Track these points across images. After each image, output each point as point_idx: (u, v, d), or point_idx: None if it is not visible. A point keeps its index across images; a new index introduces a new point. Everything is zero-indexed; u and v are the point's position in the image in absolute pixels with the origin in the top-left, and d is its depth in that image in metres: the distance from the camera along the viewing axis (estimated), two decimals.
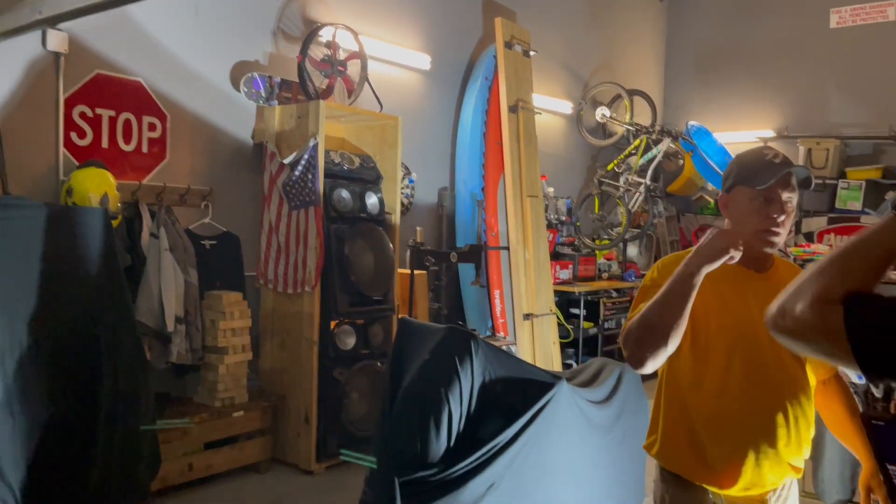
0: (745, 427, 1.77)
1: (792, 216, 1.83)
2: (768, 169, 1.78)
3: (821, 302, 1.06)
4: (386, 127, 4.94)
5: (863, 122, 7.52)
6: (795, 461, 1.83)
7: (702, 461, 1.80)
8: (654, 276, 1.89)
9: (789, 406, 1.78)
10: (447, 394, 2.49)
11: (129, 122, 4.03)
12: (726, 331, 1.79)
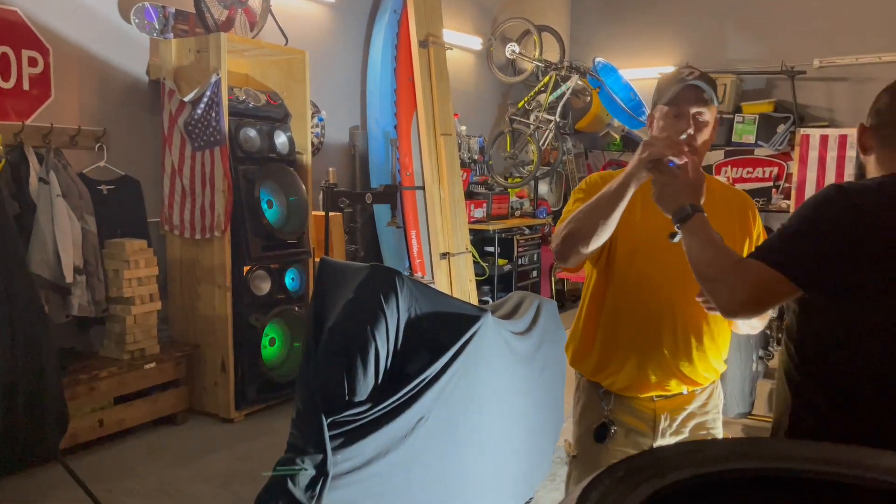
0: (633, 329, 1.86)
1: (708, 130, 1.84)
2: (676, 84, 1.81)
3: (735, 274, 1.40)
4: (292, 62, 4.72)
5: (757, 58, 7.82)
6: (688, 370, 1.87)
7: (596, 359, 1.94)
8: (582, 188, 1.95)
9: (679, 315, 1.83)
10: (373, 331, 2.45)
11: (7, 56, 3.65)
12: (634, 239, 1.86)
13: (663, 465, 0.82)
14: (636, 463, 0.83)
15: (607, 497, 0.75)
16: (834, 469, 0.81)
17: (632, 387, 1.91)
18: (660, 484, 0.79)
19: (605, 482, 0.78)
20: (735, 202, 1.95)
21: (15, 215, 3.44)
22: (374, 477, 2.43)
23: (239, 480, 3.50)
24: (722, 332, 1.91)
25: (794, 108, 7.45)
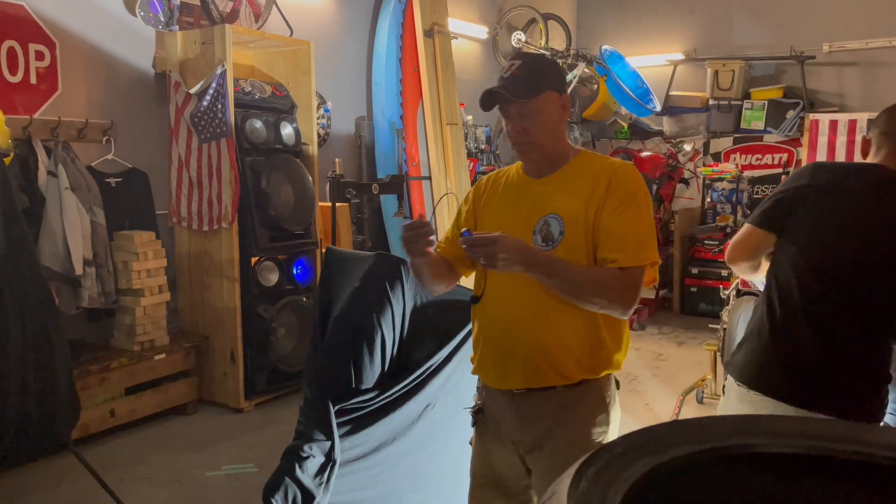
0: (494, 325, 1.82)
1: (538, 117, 1.75)
2: (490, 87, 1.82)
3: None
4: (297, 53, 4.72)
5: (766, 43, 7.75)
6: (548, 363, 1.74)
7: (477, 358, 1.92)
8: (468, 196, 2.02)
9: (534, 310, 1.73)
10: (379, 319, 2.47)
11: (14, 50, 3.67)
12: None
13: (663, 441, 0.83)
14: (635, 439, 0.83)
15: (605, 472, 0.76)
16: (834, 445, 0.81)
17: (489, 379, 1.87)
18: (659, 459, 0.79)
19: (604, 457, 0.79)
20: (592, 171, 1.77)
21: (24, 208, 3.47)
22: (382, 463, 2.45)
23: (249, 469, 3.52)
24: (584, 330, 1.74)
25: (804, 94, 7.39)
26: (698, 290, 6.84)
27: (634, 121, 8.42)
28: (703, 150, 8.01)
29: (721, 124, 7.79)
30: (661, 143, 8.23)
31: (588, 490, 0.72)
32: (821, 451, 0.80)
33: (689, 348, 5.73)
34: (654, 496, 0.77)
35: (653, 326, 6.49)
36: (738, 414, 1.87)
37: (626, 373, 5.13)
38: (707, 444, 0.82)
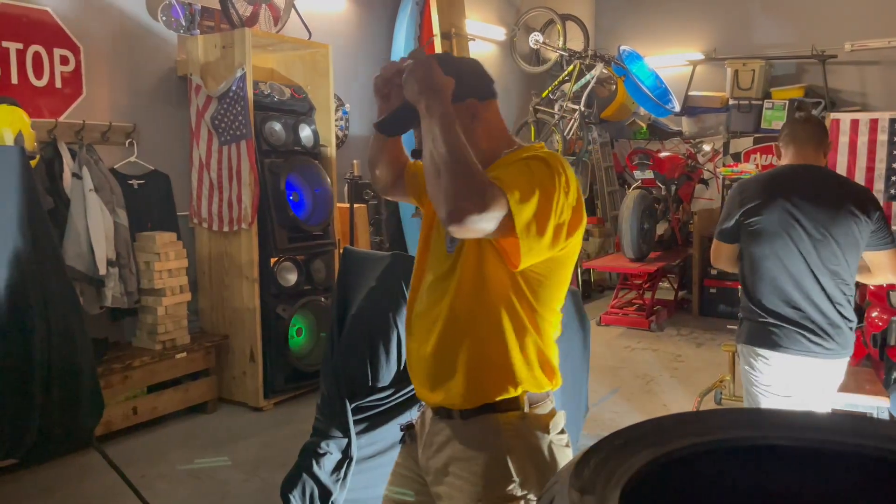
0: (410, 334, 1.65)
1: None
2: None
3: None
4: (316, 56, 4.77)
5: (787, 42, 7.69)
6: (440, 381, 1.52)
7: None
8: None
9: (442, 316, 1.52)
10: (395, 318, 2.49)
11: (39, 55, 3.76)
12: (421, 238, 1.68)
13: (664, 434, 0.84)
14: (636, 431, 0.85)
15: (607, 462, 0.78)
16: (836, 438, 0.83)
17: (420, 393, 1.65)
18: (659, 451, 0.81)
19: (605, 449, 0.80)
20: (503, 163, 1.55)
21: (50, 210, 3.55)
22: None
23: (267, 467, 3.57)
24: (489, 346, 1.50)
25: (825, 93, 7.32)
26: (717, 292, 6.79)
27: (653, 121, 8.39)
28: (722, 150, 7.96)
29: (741, 124, 7.73)
30: (680, 143, 8.19)
31: (590, 478, 0.74)
32: (823, 443, 0.82)
33: (707, 350, 5.70)
34: (655, 487, 0.79)
35: (671, 328, 6.46)
36: (740, 407, 1.90)
37: (644, 374, 5.12)
38: (708, 437, 0.84)
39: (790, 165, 2.57)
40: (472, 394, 1.49)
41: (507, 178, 1.35)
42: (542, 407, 1.52)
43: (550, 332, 1.54)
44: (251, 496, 3.30)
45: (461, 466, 1.49)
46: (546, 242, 1.38)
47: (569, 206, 1.42)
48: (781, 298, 2.46)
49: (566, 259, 1.51)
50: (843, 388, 3.04)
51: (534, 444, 1.49)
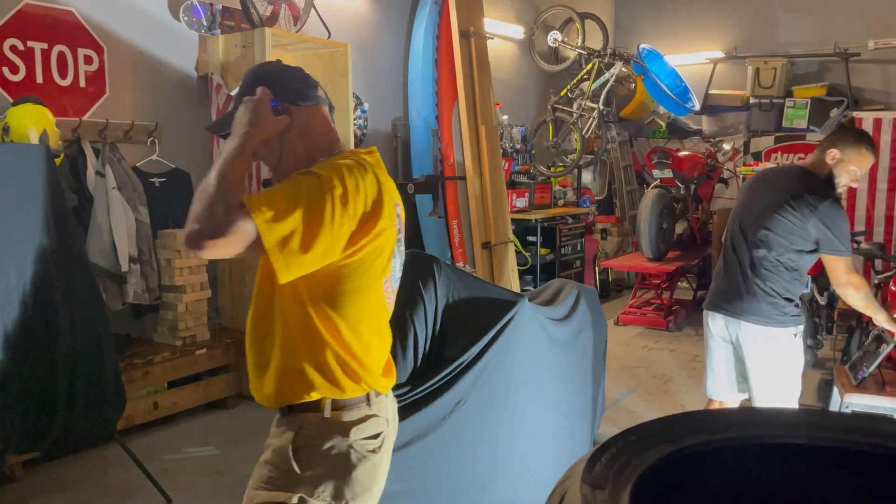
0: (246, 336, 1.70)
1: None
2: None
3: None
4: (335, 55, 4.81)
5: (809, 40, 7.61)
6: (258, 381, 1.61)
7: None
8: None
9: (258, 323, 1.62)
10: (412, 316, 2.51)
11: (64, 55, 3.82)
12: None
13: (677, 431, 0.85)
14: (650, 428, 0.86)
15: (618, 457, 0.79)
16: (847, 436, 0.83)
17: None
18: (672, 448, 0.82)
19: (618, 444, 0.81)
20: None
21: (74, 207, 3.61)
22: (414, 458, 2.49)
23: None
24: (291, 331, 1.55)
25: (848, 92, 7.24)
26: None
27: (672, 120, 8.34)
28: (743, 149, 7.90)
29: (762, 123, 7.67)
30: (700, 142, 8.14)
31: (601, 473, 0.75)
32: (833, 442, 0.82)
33: None
34: (667, 483, 0.80)
35: (689, 328, 6.42)
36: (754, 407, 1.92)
37: (661, 373, 5.10)
38: (721, 435, 0.85)
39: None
40: (277, 396, 1.58)
41: (266, 195, 1.38)
42: (348, 412, 1.56)
43: (355, 341, 1.55)
44: None
45: (268, 452, 1.60)
46: (313, 257, 1.41)
47: (349, 217, 1.43)
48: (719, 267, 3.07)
49: (358, 269, 1.51)
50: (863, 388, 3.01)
51: (329, 445, 1.54)
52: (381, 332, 1.64)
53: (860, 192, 5.71)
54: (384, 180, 1.56)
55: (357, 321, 1.55)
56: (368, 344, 1.59)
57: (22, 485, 3.37)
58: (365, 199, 1.47)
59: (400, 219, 1.65)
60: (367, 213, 1.46)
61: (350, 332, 1.54)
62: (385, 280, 1.61)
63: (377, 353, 1.62)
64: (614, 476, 0.75)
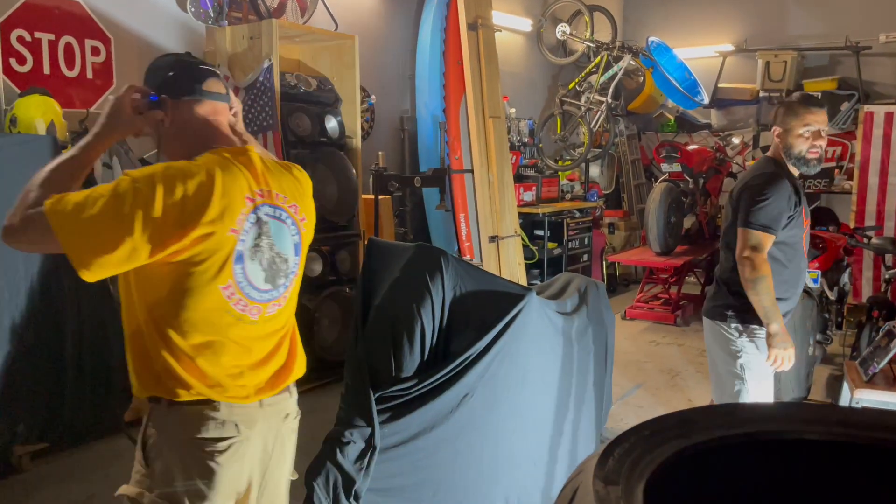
0: None
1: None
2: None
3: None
4: (342, 47, 4.79)
5: (819, 33, 7.54)
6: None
7: None
8: None
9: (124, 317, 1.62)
10: (419, 309, 2.50)
11: (71, 46, 3.82)
12: None
13: (692, 425, 0.83)
14: (664, 422, 0.84)
15: (631, 452, 0.77)
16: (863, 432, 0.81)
17: None
18: (686, 443, 0.80)
19: (630, 439, 0.80)
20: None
21: None
22: (420, 451, 2.48)
23: None
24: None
25: (859, 86, 7.17)
26: None
27: (681, 113, 8.29)
28: (752, 143, 7.84)
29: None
30: (709, 136, 8.09)
31: (614, 468, 0.73)
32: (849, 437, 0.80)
33: None
34: (681, 478, 0.78)
35: (697, 323, 6.39)
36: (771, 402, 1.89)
37: (669, 368, 5.08)
38: (736, 430, 0.83)
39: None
40: (136, 387, 1.60)
41: (74, 195, 1.41)
42: (185, 414, 1.55)
43: (187, 347, 1.52)
44: None
45: None
46: (113, 259, 1.40)
47: (152, 222, 1.41)
48: None
49: (182, 273, 1.49)
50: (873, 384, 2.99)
51: (168, 441, 1.57)
52: (232, 340, 1.57)
53: (871, 186, 5.67)
54: (230, 185, 1.51)
55: (189, 328, 1.51)
56: (205, 352, 1.54)
57: (29, 475, 3.38)
58: (183, 204, 1.44)
59: (252, 212, 1.56)
60: (182, 218, 1.44)
61: (179, 337, 1.51)
62: (224, 286, 1.53)
63: (226, 361, 1.56)
64: (627, 471, 0.74)
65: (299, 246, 1.69)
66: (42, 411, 2.94)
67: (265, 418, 1.66)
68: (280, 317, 1.67)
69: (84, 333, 3.06)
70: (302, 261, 1.72)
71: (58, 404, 2.97)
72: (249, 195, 1.56)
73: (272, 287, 1.62)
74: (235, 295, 1.55)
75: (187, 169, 1.49)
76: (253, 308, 1.59)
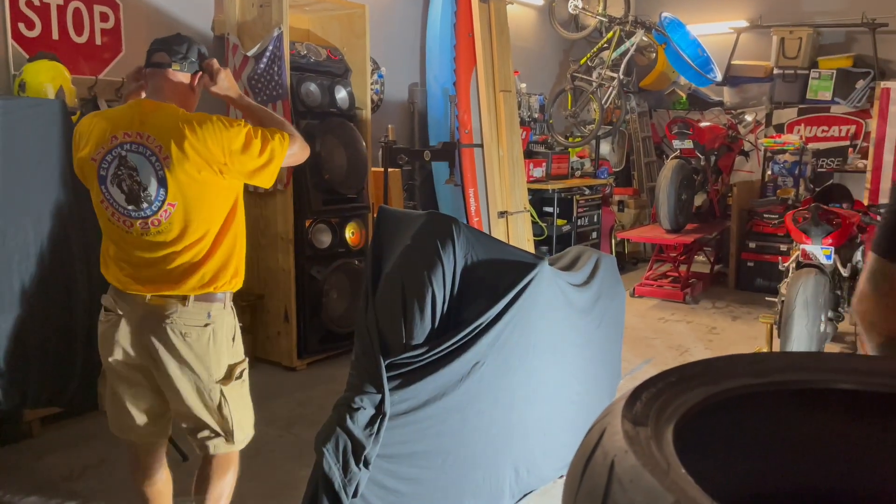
0: None
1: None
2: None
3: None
4: (353, 16, 4.73)
5: (836, 10, 7.41)
6: None
7: None
8: None
9: None
10: (430, 277, 2.48)
11: (80, 11, 3.78)
12: None
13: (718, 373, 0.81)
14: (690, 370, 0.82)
15: (658, 398, 0.75)
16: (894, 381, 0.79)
17: None
18: (713, 390, 0.78)
19: (658, 384, 0.78)
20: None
21: None
22: (430, 418, 2.48)
23: (300, 424, 3.62)
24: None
25: (875, 63, 7.07)
26: (755, 265, 6.66)
27: (693, 91, 8.19)
28: (765, 121, 7.76)
29: (785, 94, 7.52)
30: (721, 113, 8.00)
31: (642, 411, 0.71)
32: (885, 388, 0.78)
33: (744, 323, 5.61)
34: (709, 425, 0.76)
35: (706, 300, 6.37)
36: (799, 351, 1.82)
37: (678, 345, 5.07)
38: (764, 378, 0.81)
39: None
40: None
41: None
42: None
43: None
44: (285, 451, 3.35)
45: None
46: None
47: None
48: None
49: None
50: None
51: None
52: (113, 243, 2.15)
53: (886, 163, 5.60)
54: (98, 123, 2.12)
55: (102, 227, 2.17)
56: (106, 247, 2.18)
57: (39, 441, 3.41)
58: (77, 138, 2.16)
59: (114, 149, 2.07)
60: (75, 148, 2.17)
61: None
62: (101, 201, 2.10)
63: (112, 254, 2.15)
64: (655, 414, 0.72)
65: (164, 179, 2.06)
66: (52, 375, 2.95)
67: (121, 303, 2.15)
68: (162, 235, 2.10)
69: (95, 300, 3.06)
70: (180, 191, 2.07)
71: (69, 368, 2.97)
72: (116, 134, 2.08)
73: (136, 207, 2.07)
74: (107, 207, 2.10)
75: (86, 116, 2.24)
76: (118, 217, 2.09)
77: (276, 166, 2.23)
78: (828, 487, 0.81)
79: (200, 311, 2.16)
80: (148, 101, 2.15)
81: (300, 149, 2.33)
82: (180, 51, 2.23)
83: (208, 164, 2.09)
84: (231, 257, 2.29)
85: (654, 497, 0.55)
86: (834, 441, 0.82)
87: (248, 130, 2.18)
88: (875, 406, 0.80)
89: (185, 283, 2.13)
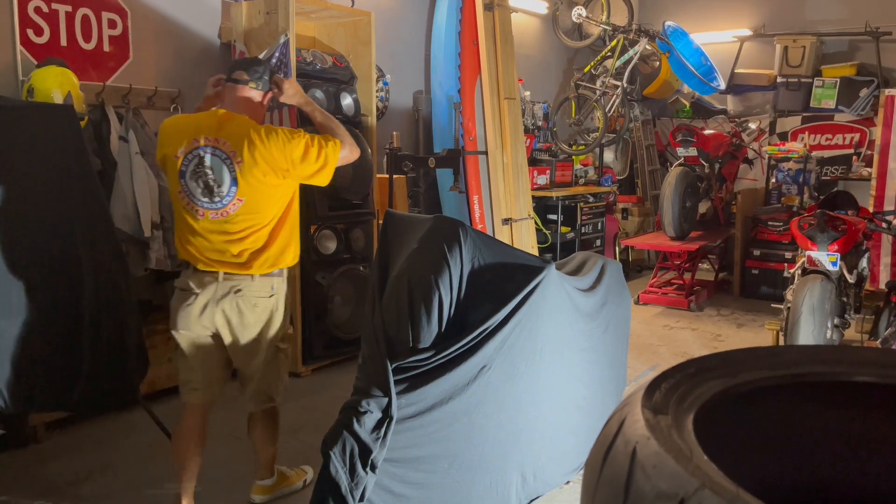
0: None
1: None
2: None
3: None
4: (358, 24, 4.75)
5: (839, 18, 7.43)
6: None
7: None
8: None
9: None
10: (437, 280, 2.48)
11: (88, 17, 3.80)
12: None
13: (736, 366, 0.82)
14: (708, 362, 0.82)
15: (677, 388, 0.75)
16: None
17: None
18: (731, 382, 0.78)
19: (676, 376, 0.78)
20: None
21: (97, 171, 3.59)
22: (437, 422, 2.47)
23: (306, 430, 3.61)
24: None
25: (879, 72, 7.08)
26: (759, 273, 6.65)
27: (697, 99, 8.21)
28: (769, 129, 7.76)
29: (789, 103, 7.53)
30: (725, 121, 8.01)
31: (662, 401, 0.71)
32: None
33: (748, 330, 5.60)
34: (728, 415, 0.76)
35: (711, 308, 6.36)
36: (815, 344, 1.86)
37: (683, 352, 5.05)
38: (780, 371, 0.81)
39: None
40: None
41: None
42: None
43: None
44: (291, 456, 3.34)
45: None
46: None
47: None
48: None
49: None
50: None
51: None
52: (188, 228, 2.58)
53: (891, 170, 5.60)
54: (182, 125, 2.65)
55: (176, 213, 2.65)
56: (181, 232, 2.63)
57: (44, 446, 3.41)
58: (161, 136, 2.64)
59: (195, 150, 2.53)
60: (159, 144, 2.65)
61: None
62: (179, 192, 2.56)
63: (187, 238, 2.59)
64: (675, 404, 0.72)
65: (236, 179, 2.50)
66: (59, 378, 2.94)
67: (198, 280, 2.61)
68: (230, 224, 2.55)
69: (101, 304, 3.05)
70: (248, 189, 2.52)
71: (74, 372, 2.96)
72: (197, 138, 2.53)
73: (209, 200, 2.53)
74: (184, 198, 2.56)
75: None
76: (196, 210, 2.55)
77: (330, 169, 2.67)
78: (844, 479, 0.81)
79: (265, 285, 2.62)
80: (225, 112, 2.56)
81: (350, 151, 2.72)
82: (258, 71, 2.66)
83: (273, 170, 2.51)
84: (289, 243, 2.69)
85: (679, 482, 0.55)
86: (851, 433, 0.82)
87: (306, 140, 2.57)
88: (894, 398, 0.80)
89: (251, 265, 2.57)
